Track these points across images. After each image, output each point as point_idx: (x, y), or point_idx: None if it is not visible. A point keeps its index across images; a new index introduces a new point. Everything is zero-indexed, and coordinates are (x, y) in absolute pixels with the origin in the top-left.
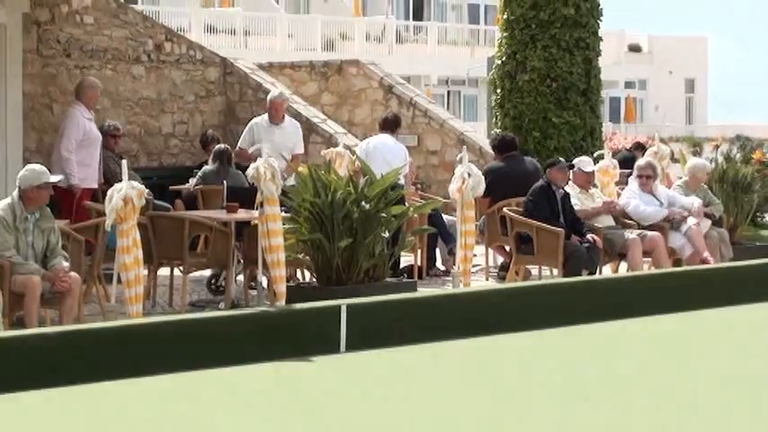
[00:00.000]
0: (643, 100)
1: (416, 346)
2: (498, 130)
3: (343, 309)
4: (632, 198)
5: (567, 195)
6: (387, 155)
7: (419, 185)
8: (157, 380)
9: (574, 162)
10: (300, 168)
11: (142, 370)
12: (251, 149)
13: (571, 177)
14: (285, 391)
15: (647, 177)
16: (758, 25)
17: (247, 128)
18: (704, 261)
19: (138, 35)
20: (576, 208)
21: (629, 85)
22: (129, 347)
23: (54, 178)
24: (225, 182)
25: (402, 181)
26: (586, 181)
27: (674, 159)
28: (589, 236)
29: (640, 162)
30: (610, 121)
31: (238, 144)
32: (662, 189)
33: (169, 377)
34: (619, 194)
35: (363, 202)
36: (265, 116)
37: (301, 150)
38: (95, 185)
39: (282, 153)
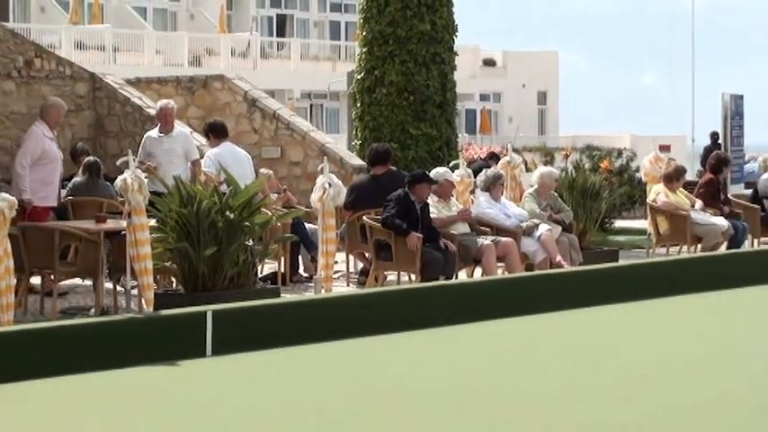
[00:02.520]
0: (497, 112)
1: (280, 349)
2: (357, 142)
3: (209, 315)
4: (490, 208)
5: (425, 204)
6: (236, 166)
7: (282, 192)
8: (29, 385)
9: (432, 174)
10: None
11: (13, 376)
12: (119, 161)
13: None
14: (152, 395)
15: (502, 185)
16: (603, 41)
17: (141, 142)
18: (558, 265)
19: (8, 52)
20: (432, 216)
21: (483, 97)
22: None
23: None
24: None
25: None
26: (449, 190)
27: (527, 169)
28: (442, 241)
29: (495, 173)
30: (466, 132)
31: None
32: (503, 198)
33: (40, 382)
34: (473, 202)
35: (228, 212)
36: (157, 128)
37: (197, 156)
38: (55, 203)
39: (173, 161)
